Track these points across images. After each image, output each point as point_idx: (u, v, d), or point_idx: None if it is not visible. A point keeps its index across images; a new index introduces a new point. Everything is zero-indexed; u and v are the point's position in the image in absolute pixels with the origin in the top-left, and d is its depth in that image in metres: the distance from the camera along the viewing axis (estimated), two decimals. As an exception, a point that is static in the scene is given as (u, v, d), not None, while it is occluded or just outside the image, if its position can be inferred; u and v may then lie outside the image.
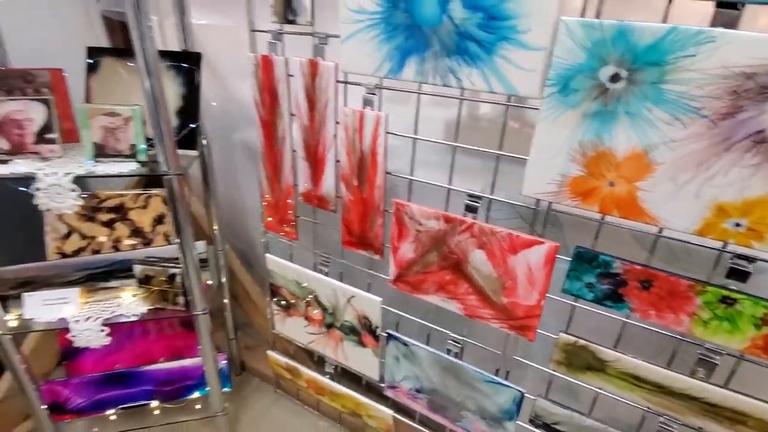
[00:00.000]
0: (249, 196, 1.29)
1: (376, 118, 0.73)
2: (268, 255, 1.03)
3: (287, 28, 0.80)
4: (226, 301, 1.19)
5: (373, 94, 0.75)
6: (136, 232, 0.96)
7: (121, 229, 0.96)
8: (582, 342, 0.71)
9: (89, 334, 0.80)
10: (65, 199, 0.69)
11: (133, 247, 0.97)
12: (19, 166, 0.71)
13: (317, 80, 0.78)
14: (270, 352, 1.16)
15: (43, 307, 0.81)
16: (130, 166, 0.74)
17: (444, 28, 0.62)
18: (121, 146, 0.75)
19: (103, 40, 1.07)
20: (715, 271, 0.61)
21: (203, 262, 1.04)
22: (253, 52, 0.84)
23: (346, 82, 0.78)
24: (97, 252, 0.94)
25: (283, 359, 1.15)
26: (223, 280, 1.15)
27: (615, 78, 0.54)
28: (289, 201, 0.94)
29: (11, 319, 0.80)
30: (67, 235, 0.93)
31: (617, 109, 0.55)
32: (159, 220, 0.98)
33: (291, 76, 0.81)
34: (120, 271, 0.89)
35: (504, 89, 0.61)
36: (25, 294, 0.81)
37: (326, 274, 0.96)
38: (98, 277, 0.88)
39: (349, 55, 0.72)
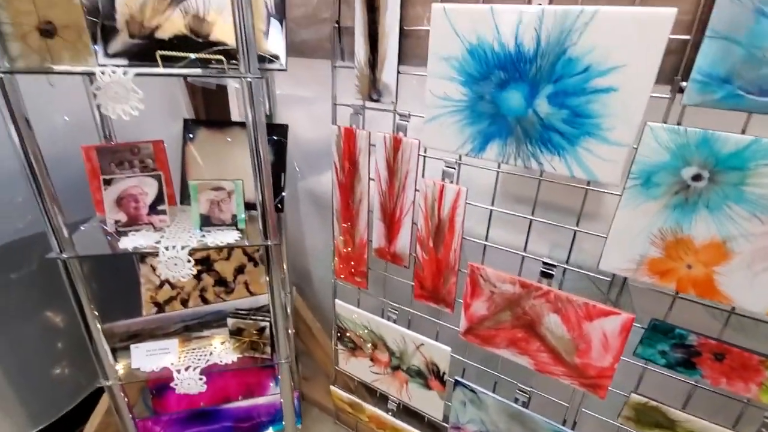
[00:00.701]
0: (309, 236, 1.37)
1: (456, 192, 0.80)
2: (337, 301, 1.10)
3: (369, 103, 0.87)
4: (290, 332, 1.27)
5: (453, 168, 0.81)
6: (220, 281, 1.05)
7: (207, 279, 1.04)
8: (653, 403, 0.76)
9: (189, 383, 0.89)
10: (182, 269, 0.77)
11: (217, 295, 1.05)
12: (139, 239, 0.79)
13: (399, 153, 0.85)
14: (333, 388, 1.23)
15: (147, 357, 0.90)
16: (233, 236, 0.82)
17: (529, 120, 0.69)
18: (225, 216, 0.83)
19: (180, 103, 1.16)
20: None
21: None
22: (334, 123, 0.92)
23: (426, 156, 0.85)
24: (185, 301, 1.02)
25: (346, 395, 1.22)
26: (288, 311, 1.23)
27: (697, 178, 0.59)
28: (362, 255, 1.01)
29: (120, 369, 0.89)
30: (160, 286, 1.01)
31: (698, 204, 0.60)
32: (240, 269, 1.06)
33: (373, 145, 0.88)
34: (212, 321, 0.98)
35: (585, 176, 0.67)
36: (132, 345, 0.90)
37: (394, 321, 1.03)
38: (193, 327, 0.96)
39: (431, 134, 0.78)
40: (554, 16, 0.61)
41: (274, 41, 0.75)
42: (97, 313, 0.83)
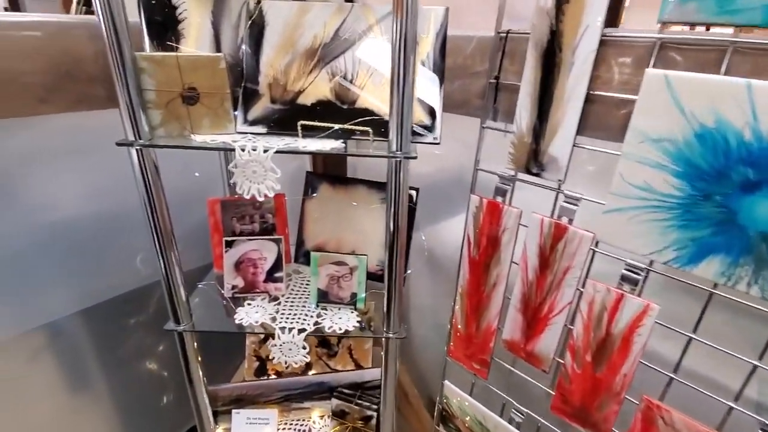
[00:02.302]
0: (417, 296, 1.24)
1: (642, 308, 0.61)
2: (447, 383, 0.96)
3: (523, 176, 0.71)
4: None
5: (638, 274, 0.62)
6: (324, 342, 0.97)
7: (311, 338, 0.96)
8: None
9: (286, 462, 0.81)
10: (295, 355, 0.69)
11: (319, 357, 0.97)
12: (254, 312, 0.73)
13: (560, 243, 0.68)
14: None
15: (247, 426, 0.84)
16: (352, 320, 0.71)
17: (787, 240, 0.47)
18: (344, 294, 0.74)
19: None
20: None
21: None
22: (473, 191, 0.78)
23: (596, 251, 0.67)
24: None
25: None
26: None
27: None
28: (487, 342, 0.85)
29: (220, 432, 0.85)
30: (264, 340, 0.96)
31: None
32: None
33: (524, 226, 0.72)
34: (313, 393, 0.89)
35: None
36: (234, 411, 0.85)
37: (518, 426, 0.85)
38: (294, 397, 0.89)
39: (612, 228, 0.60)
40: None
41: (428, 108, 0.63)
42: (204, 378, 0.78)
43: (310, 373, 0.93)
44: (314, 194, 0.86)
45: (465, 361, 0.92)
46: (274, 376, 0.94)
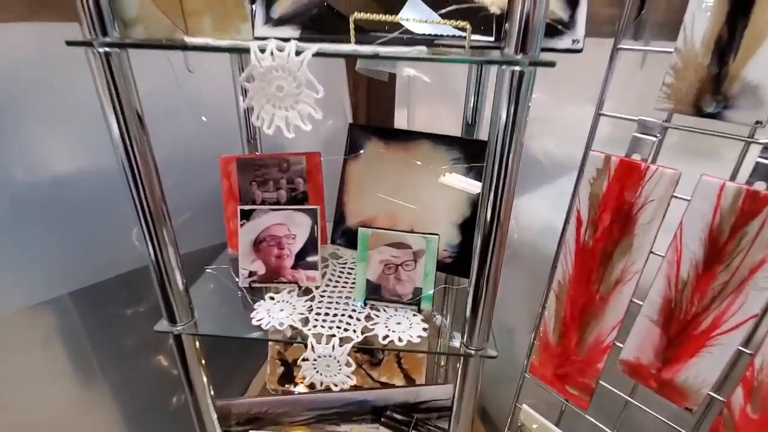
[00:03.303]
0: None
1: None
2: (525, 407, 0.74)
3: (681, 119, 0.47)
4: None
5: None
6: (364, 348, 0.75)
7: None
8: None
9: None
10: (335, 373, 0.48)
11: (359, 365, 0.76)
12: (278, 310, 0.52)
13: (751, 225, 0.43)
14: None
15: (267, 453, 0.65)
16: (417, 329, 0.49)
17: None
18: (403, 289, 0.52)
19: (337, 98, 0.88)
20: None
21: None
22: (589, 146, 0.54)
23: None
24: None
25: None
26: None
27: None
28: (595, 361, 0.62)
29: (234, 459, 0.66)
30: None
31: None
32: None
33: (680, 198, 0.48)
34: (353, 413, 0.69)
35: None
36: (251, 433, 0.65)
37: (630, 475, 0.62)
38: (328, 418, 0.69)
39: None
40: None
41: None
42: (212, 390, 0.59)
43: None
44: (360, 152, 0.64)
45: (555, 383, 0.69)
46: (303, 389, 0.74)
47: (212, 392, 0.60)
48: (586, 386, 0.65)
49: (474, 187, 0.58)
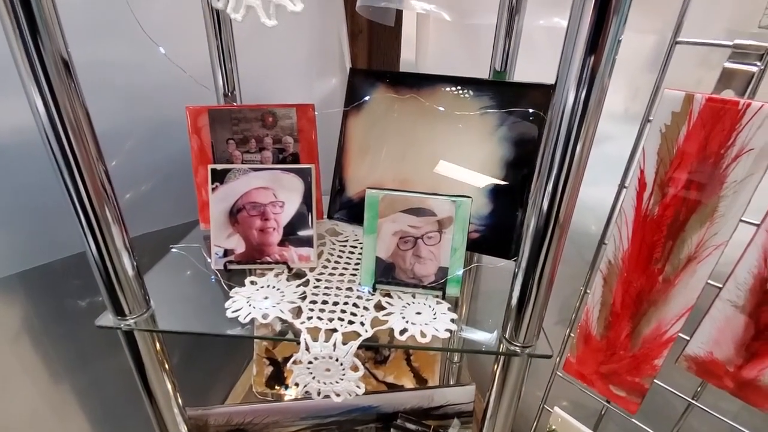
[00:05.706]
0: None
1: None
2: (557, 410, 0.63)
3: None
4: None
5: None
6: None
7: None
8: None
9: None
10: (337, 379, 0.36)
11: (362, 363, 0.64)
12: (261, 298, 0.40)
13: None
14: None
15: (253, 472, 0.53)
16: (444, 320, 0.38)
17: None
18: (424, 269, 0.40)
19: (333, 48, 0.75)
20: None
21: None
22: (659, 84, 0.42)
23: None
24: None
25: None
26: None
27: None
28: (652, 356, 0.51)
29: (211, 479, 0.54)
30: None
31: None
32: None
33: (786, 149, 0.36)
34: (356, 421, 0.57)
35: None
36: (233, 448, 0.54)
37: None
38: (327, 428, 0.57)
39: None
40: None
41: None
42: (179, 396, 0.47)
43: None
44: (364, 100, 0.51)
45: (596, 382, 0.58)
46: (295, 392, 0.62)
47: (180, 401, 0.48)
48: (637, 386, 0.54)
49: (503, 143, 0.46)
